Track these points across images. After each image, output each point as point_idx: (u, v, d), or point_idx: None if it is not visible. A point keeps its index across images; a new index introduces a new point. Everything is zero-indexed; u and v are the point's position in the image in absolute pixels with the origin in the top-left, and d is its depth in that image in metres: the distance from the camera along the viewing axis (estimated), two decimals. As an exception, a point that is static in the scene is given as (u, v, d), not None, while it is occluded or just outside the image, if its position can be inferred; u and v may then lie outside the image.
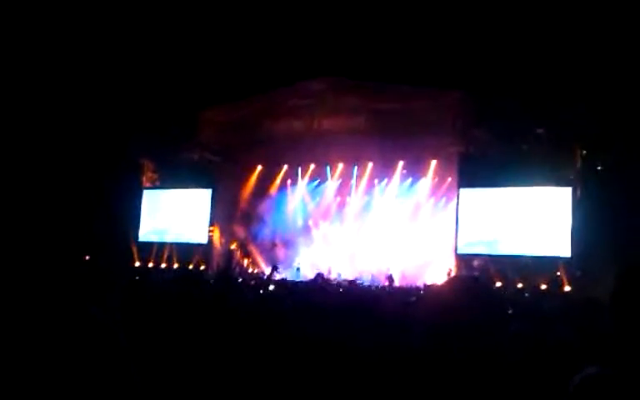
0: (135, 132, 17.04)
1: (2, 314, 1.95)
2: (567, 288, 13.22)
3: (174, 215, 18.61)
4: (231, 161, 17.94)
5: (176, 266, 17.47)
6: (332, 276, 15.88)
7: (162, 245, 18.34)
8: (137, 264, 18.13)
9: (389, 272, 14.90)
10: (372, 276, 15.54)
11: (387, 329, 3.05)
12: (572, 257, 13.53)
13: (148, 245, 18.50)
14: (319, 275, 14.13)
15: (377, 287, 13.41)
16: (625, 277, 1.38)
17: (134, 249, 18.35)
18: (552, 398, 1.49)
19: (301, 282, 13.64)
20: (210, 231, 17.82)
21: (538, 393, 1.57)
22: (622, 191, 12.42)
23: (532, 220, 14.21)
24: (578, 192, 13.61)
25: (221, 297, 3.57)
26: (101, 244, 16.38)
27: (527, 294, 12.49)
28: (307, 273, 16.15)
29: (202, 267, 16.68)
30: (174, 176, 18.03)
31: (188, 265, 17.06)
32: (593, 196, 13.10)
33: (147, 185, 18.78)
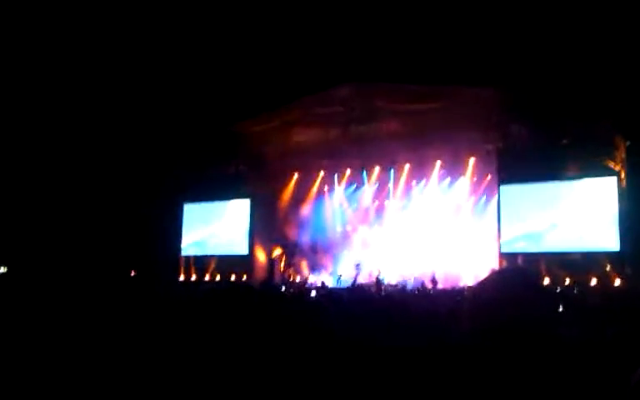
0: (173, 148, 17.34)
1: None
2: (617, 283, 12.82)
3: (214, 227, 18.84)
4: (267, 171, 18.05)
5: (218, 278, 17.66)
6: (377, 282, 15.80)
7: (203, 258, 18.59)
8: (181, 278, 18.44)
9: (432, 275, 14.77)
10: (415, 279, 15.39)
11: (434, 331, 3.01)
12: (620, 251, 13.10)
13: (191, 259, 18.78)
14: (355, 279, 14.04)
15: (420, 289, 13.30)
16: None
17: (177, 263, 18.64)
18: (611, 391, 1.44)
19: (343, 288, 13.64)
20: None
21: (598, 386, 1.51)
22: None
23: (577, 213, 13.81)
24: (624, 182, 13.19)
25: (264, 307, 3.57)
26: (145, 260, 16.73)
27: (575, 291, 12.19)
28: (348, 280, 16.13)
29: (244, 278, 16.81)
30: (212, 189, 18.24)
31: (230, 277, 17.23)
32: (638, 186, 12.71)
33: (187, 199, 19.03)
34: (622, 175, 13.24)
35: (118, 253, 16.57)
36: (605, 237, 13.35)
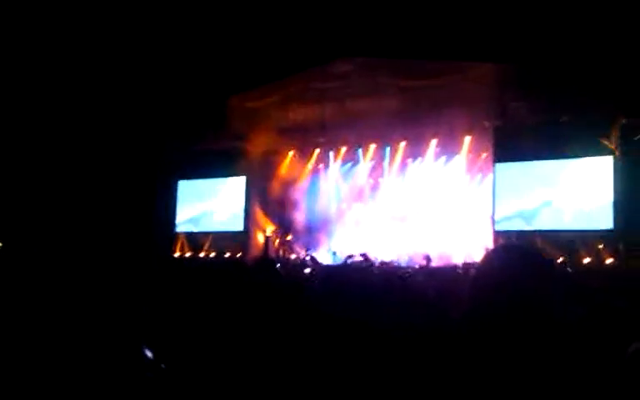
0: (166, 123, 17.22)
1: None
2: (610, 261, 12.90)
3: (209, 204, 18.83)
4: (263, 147, 17.98)
5: (213, 255, 17.68)
6: (370, 259, 15.85)
7: (198, 235, 18.61)
8: (176, 254, 18.45)
9: (426, 252, 14.82)
10: (409, 256, 15.44)
11: (429, 309, 3.01)
12: (614, 230, 13.16)
13: (186, 235, 18.79)
14: (363, 255, 14.14)
15: (413, 267, 13.34)
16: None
17: (172, 240, 18.64)
18: (608, 366, 1.43)
19: (337, 265, 13.66)
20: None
21: (597, 362, 1.49)
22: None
23: (572, 192, 13.86)
24: (620, 162, 13.20)
25: (260, 283, 3.57)
26: (139, 236, 16.71)
27: (569, 269, 12.24)
28: (343, 256, 16.17)
29: (239, 255, 16.84)
30: (207, 165, 18.17)
31: (225, 253, 17.25)
32: (635, 166, 12.72)
33: (182, 176, 18.96)
34: (619, 154, 13.24)
35: (112, 230, 16.55)
36: (600, 216, 13.42)
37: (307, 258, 15.38)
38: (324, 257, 16.95)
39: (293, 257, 17.57)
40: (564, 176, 13.99)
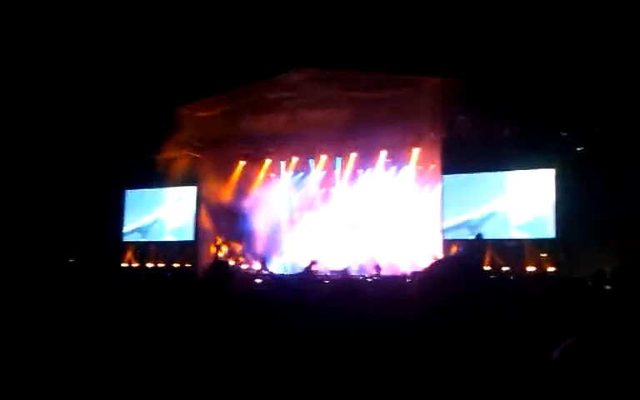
0: (114, 131, 16.88)
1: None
2: (552, 269, 13.38)
3: (158, 213, 18.56)
4: (214, 157, 17.86)
5: (161, 265, 17.40)
6: (320, 267, 15.94)
7: (147, 244, 18.30)
8: (124, 265, 18.07)
9: (376, 262, 15.04)
10: (360, 265, 15.61)
11: (377, 317, 3.08)
12: (556, 239, 13.69)
13: (133, 245, 18.46)
14: (309, 267, 14.19)
15: (364, 276, 13.51)
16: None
17: (119, 249, 18.27)
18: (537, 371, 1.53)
19: (289, 275, 13.70)
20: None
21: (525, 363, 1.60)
22: (602, 171, 12.60)
23: (516, 203, 14.37)
24: (562, 174, 13.76)
25: (210, 293, 3.57)
26: (85, 246, 16.31)
27: (512, 277, 12.64)
28: (294, 266, 16.21)
29: (188, 266, 16.63)
30: (156, 174, 17.89)
31: (174, 264, 17.01)
32: (575, 177, 13.25)
33: (130, 184, 18.62)
34: (560, 167, 13.79)
35: (57, 239, 16.09)
36: (542, 225, 13.95)
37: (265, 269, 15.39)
38: (275, 267, 16.96)
39: (244, 267, 17.48)
40: (508, 187, 14.49)
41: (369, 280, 11.65)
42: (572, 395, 1.39)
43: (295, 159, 18.19)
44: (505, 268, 13.64)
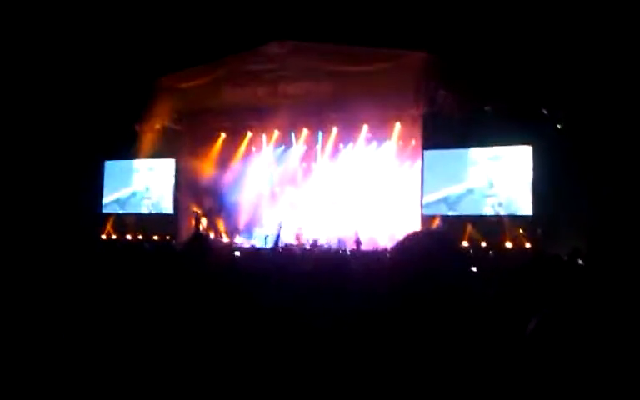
0: (92, 102, 16.61)
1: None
2: (529, 246, 13.58)
3: (138, 185, 18.40)
4: (194, 129, 17.70)
5: (140, 237, 17.30)
6: (301, 241, 16.02)
7: (126, 216, 18.17)
8: (103, 237, 17.94)
9: (357, 235, 15.13)
10: (340, 239, 15.70)
11: (354, 292, 3.11)
12: (533, 216, 13.87)
13: (113, 217, 18.32)
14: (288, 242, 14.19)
15: (344, 250, 13.59)
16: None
17: (98, 221, 18.11)
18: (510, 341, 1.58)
19: (270, 248, 13.71)
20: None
21: (500, 337, 1.65)
22: (580, 149, 12.75)
23: (495, 179, 14.49)
24: (539, 151, 13.90)
25: (188, 266, 3.57)
26: (64, 217, 16.13)
27: (490, 252, 12.83)
28: (274, 240, 16.23)
29: (168, 238, 16.55)
30: (136, 145, 17.71)
31: (153, 236, 16.93)
32: (553, 154, 13.39)
33: (109, 155, 18.39)
34: (539, 144, 13.91)
35: (36, 210, 15.89)
36: (520, 202, 14.11)
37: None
38: (256, 240, 16.98)
39: (225, 240, 17.49)
40: (487, 163, 14.59)
41: (349, 254, 11.72)
42: (547, 366, 1.43)
43: (276, 133, 18.10)
44: (483, 244, 13.83)
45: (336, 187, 17.22)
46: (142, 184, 18.35)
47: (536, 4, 12.75)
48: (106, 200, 18.52)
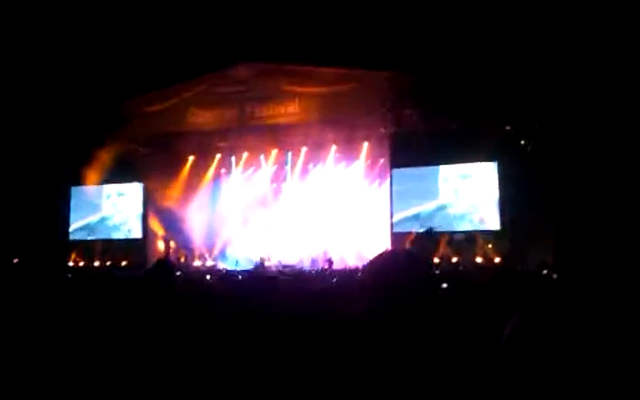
0: (58, 127, 16.35)
1: None
2: (498, 260, 13.77)
3: (105, 211, 18.12)
4: (162, 152, 17.54)
5: (109, 263, 17.00)
6: (272, 263, 15.94)
7: (94, 242, 17.85)
8: (70, 264, 17.57)
9: (328, 255, 15.13)
10: (312, 260, 15.69)
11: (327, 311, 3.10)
12: (501, 230, 14.11)
13: (80, 244, 17.97)
14: (259, 264, 14.14)
15: (316, 270, 13.56)
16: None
17: (65, 248, 17.75)
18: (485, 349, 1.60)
19: (241, 271, 13.62)
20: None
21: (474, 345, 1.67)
22: (544, 164, 13.03)
23: (463, 196, 14.73)
24: (503, 168, 14.19)
25: (153, 292, 3.51)
26: (29, 245, 15.77)
27: (461, 268, 12.95)
28: (246, 263, 16.14)
29: (136, 264, 16.30)
30: (103, 170, 17.45)
31: (122, 262, 16.66)
32: (518, 170, 13.66)
33: (75, 181, 18.07)
34: (504, 160, 14.20)
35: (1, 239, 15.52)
36: (488, 218, 14.35)
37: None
38: (226, 263, 16.84)
39: (197, 263, 17.29)
40: (457, 181, 14.82)
41: (318, 274, 11.72)
42: (524, 372, 1.45)
43: (245, 154, 18.06)
44: (454, 259, 13.97)
45: (306, 207, 17.21)
46: (111, 209, 18.08)
47: (498, 25, 13.04)
48: (73, 227, 18.17)
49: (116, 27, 14.72)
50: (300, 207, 17.35)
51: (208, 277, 9.06)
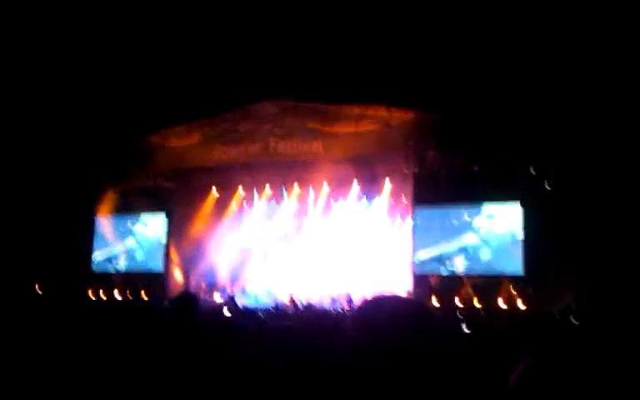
0: (85, 159, 16.68)
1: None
2: (521, 305, 13.47)
3: (128, 242, 18.27)
4: (185, 186, 17.73)
5: (129, 296, 17.05)
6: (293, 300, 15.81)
7: (116, 274, 17.95)
8: (91, 295, 17.66)
9: (348, 295, 14.97)
10: (332, 298, 15.54)
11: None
12: (525, 275, 13.82)
13: (102, 275, 18.08)
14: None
15: (336, 310, 13.43)
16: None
17: (87, 279, 17.86)
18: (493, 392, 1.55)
19: (261, 308, 13.55)
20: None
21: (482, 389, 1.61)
22: (569, 207, 12.85)
23: (486, 238, 14.52)
24: (528, 209, 13.99)
25: (175, 326, 3.52)
26: (52, 274, 15.94)
27: (482, 313, 12.72)
28: (265, 298, 16.06)
29: (157, 296, 16.32)
30: (128, 203, 17.67)
31: (143, 294, 16.70)
32: (543, 213, 13.47)
33: (100, 211, 18.29)
34: (528, 202, 14.01)
35: (23, 268, 15.72)
36: (510, 261, 14.08)
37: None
38: (246, 299, 16.77)
39: (217, 298, 17.25)
40: (478, 221, 14.64)
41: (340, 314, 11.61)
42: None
43: (268, 188, 18.14)
44: (476, 303, 13.73)
45: (327, 244, 17.13)
46: (134, 241, 18.22)
47: (521, 65, 13.06)
48: (96, 257, 18.33)
49: (146, 63, 15.06)
50: (321, 243, 17.28)
51: (228, 313, 9.04)
